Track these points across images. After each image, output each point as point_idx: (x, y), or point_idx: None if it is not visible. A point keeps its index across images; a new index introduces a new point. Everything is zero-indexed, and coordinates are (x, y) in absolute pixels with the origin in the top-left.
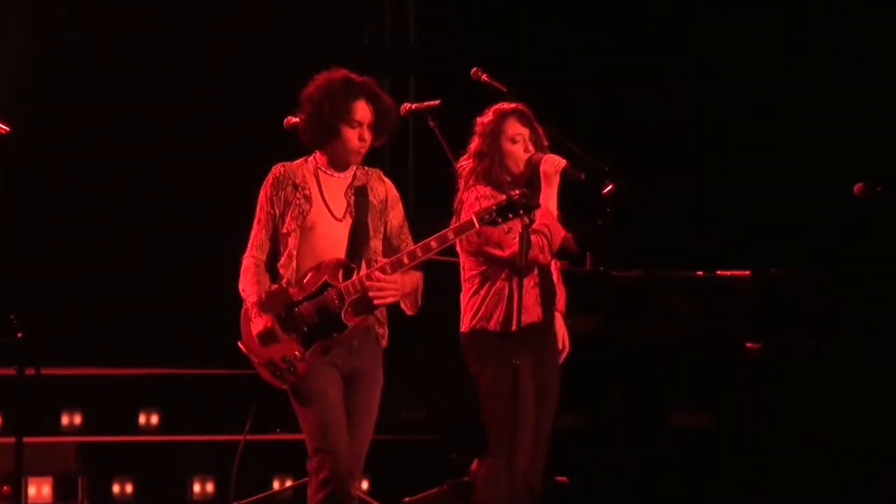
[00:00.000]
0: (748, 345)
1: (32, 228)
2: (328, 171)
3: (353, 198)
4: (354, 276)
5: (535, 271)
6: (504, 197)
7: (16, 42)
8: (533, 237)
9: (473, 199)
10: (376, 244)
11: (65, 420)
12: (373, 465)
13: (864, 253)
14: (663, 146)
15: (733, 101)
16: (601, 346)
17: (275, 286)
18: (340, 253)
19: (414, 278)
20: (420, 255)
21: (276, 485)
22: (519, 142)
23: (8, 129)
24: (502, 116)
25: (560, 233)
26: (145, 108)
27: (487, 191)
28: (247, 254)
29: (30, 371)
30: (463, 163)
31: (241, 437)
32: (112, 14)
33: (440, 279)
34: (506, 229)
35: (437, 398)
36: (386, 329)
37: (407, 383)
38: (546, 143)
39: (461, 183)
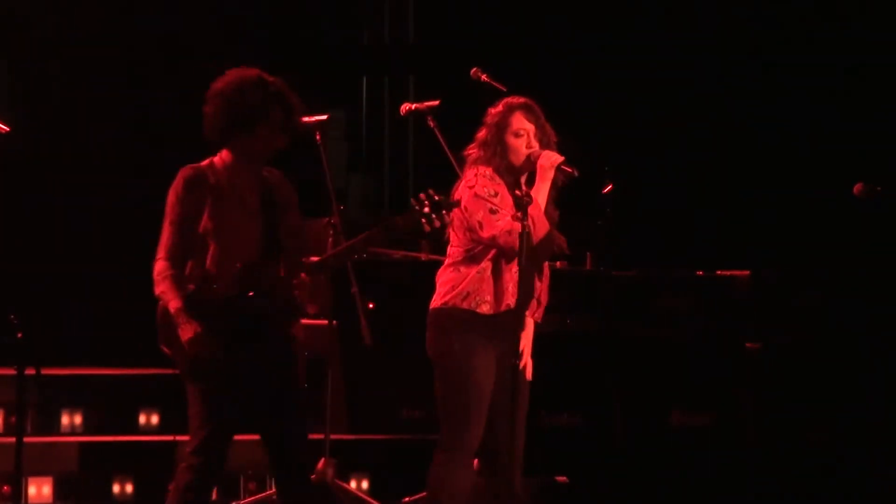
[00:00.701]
0: (748, 344)
1: (32, 228)
2: (237, 171)
3: (263, 197)
4: (284, 279)
5: (517, 261)
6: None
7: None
8: (515, 224)
9: (472, 175)
10: (287, 243)
11: (65, 420)
12: (372, 464)
13: (864, 253)
14: (663, 146)
15: (733, 102)
16: (601, 345)
17: (192, 287)
18: (255, 251)
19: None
20: (337, 260)
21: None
22: (522, 136)
23: (7, 129)
24: (510, 110)
25: (545, 226)
26: (145, 108)
27: (489, 171)
28: (160, 256)
29: (30, 371)
30: (470, 151)
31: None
32: (109, 14)
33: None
34: (489, 209)
35: (435, 398)
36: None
37: (405, 383)
38: (554, 141)
39: (467, 170)
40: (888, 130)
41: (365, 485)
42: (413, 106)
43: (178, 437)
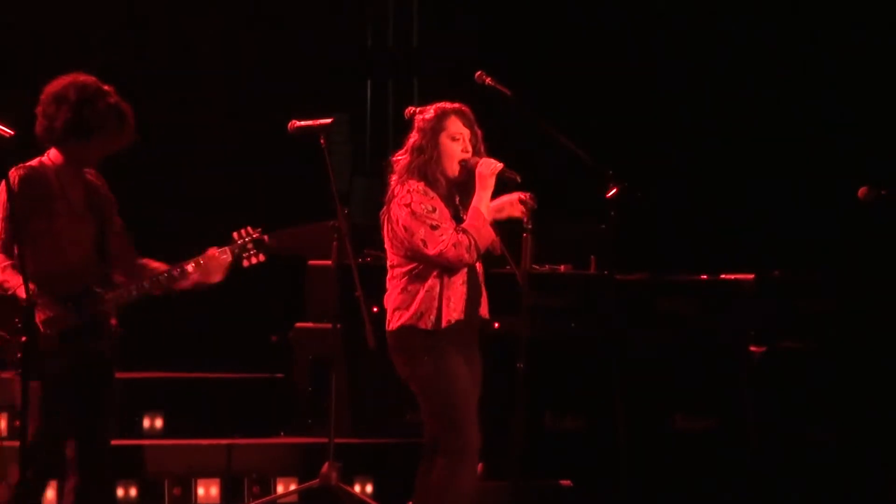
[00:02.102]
0: (751, 348)
1: None
2: (66, 173)
3: (89, 198)
4: (126, 286)
5: (465, 270)
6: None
7: None
8: (460, 236)
9: (405, 192)
10: (113, 242)
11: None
12: (378, 467)
13: (869, 256)
14: (668, 149)
15: (739, 105)
16: (605, 349)
17: (31, 287)
18: (86, 251)
19: None
20: (153, 286)
21: (279, 488)
22: (459, 140)
23: (12, 132)
24: (445, 114)
25: (489, 235)
26: (147, 108)
27: (421, 185)
28: None
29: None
30: (398, 157)
31: (244, 440)
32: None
33: None
34: (430, 226)
35: None
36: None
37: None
38: (482, 148)
39: (392, 177)
40: (894, 134)
41: (369, 488)
42: (417, 109)
43: (183, 441)
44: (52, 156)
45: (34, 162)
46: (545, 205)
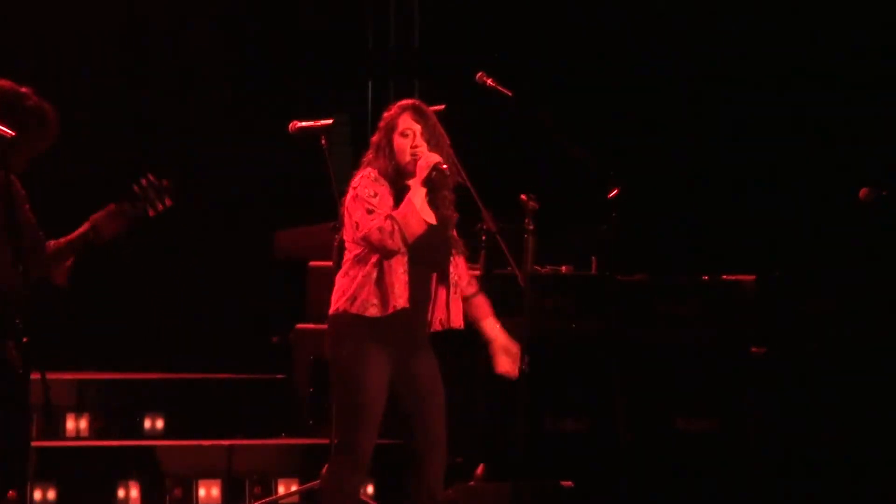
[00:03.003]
0: (753, 349)
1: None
2: None
3: (13, 202)
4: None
5: (405, 259)
6: None
7: None
8: (386, 222)
9: (358, 178)
10: (26, 237)
11: (70, 425)
12: (378, 469)
13: (870, 257)
14: (669, 150)
15: (740, 105)
16: (606, 350)
17: None
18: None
19: None
20: (73, 247)
21: (281, 489)
22: (408, 136)
23: (13, 133)
24: (399, 111)
25: (417, 225)
26: (150, 109)
27: (374, 173)
28: None
29: (35, 375)
30: (366, 156)
31: (245, 441)
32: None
33: None
34: (366, 209)
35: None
36: None
37: None
38: (448, 143)
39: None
40: (894, 134)
41: (370, 489)
42: None
43: (184, 442)
44: None
45: None
46: (546, 206)
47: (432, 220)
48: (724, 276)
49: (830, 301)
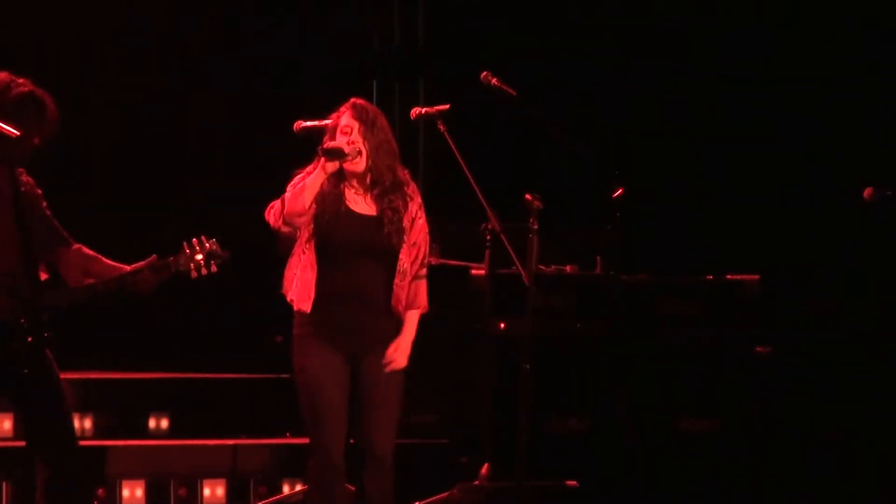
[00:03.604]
0: (757, 349)
1: None
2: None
3: (15, 192)
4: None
5: (312, 258)
6: None
7: None
8: (276, 201)
9: (298, 177)
10: (42, 235)
11: (75, 424)
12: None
13: (874, 257)
14: (672, 150)
15: (744, 105)
16: (610, 349)
17: None
18: (12, 248)
19: None
20: (107, 287)
21: (285, 488)
22: (347, 133)
23: (18, 132)
24: (343, 110)
25: (297, 205)
26: (149, 110)
27: (315, 166)
28: None
29: None
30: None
31: (250, 440)
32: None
33: (449, 284)
34: (293, 184)
35: (446, 402)
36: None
37: (416, 388)
38: (392, 143)
39: None
40: None
41: None
42: (423, 110)
43: (189, 442)
44: None
45: None
46: (550, 205)
47: (371, 212)
48: (728, 276)
49: (834, 301)
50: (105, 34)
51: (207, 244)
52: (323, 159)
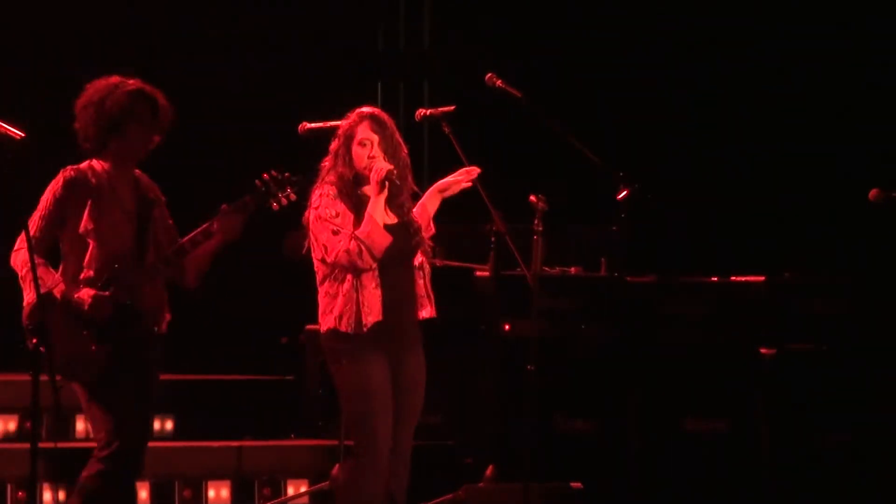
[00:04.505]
0: (762, 350)
1: None
2: (114, 173)
3: (138, 196)
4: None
5: (375, 273)
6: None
7: None
8: (352, 243)
9: (317, 196)
10: (163, 239)
11: (79, 426)
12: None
13: (879, 258)
14: (678, 151)
15: (750, 105)
16: (615, 351)
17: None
18: (128, 250)
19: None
20: (194, 245)
21: (290, 490)
22: (366, 146)
23: (23, 135)
24: (358, 120)
25: (382, 239)
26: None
27: (333, 190)
28: (22, 247)
29: (45, 377)
30: (324, 162)
31: (255, 442)
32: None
33: (454, 286)
34: (331, 231)
35: (451, 403)
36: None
37: None
38: (405, 152)
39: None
40: None
41: None
42: (428, 111)
43: (193, 443)
44: (98, 160)
45: (84, 164)
46: (555, 207)
47: (393, 220)
48: (734, 278)
49: (840, 302)
50: (105, 33)
51: (279, 174)
52: (378, 189)
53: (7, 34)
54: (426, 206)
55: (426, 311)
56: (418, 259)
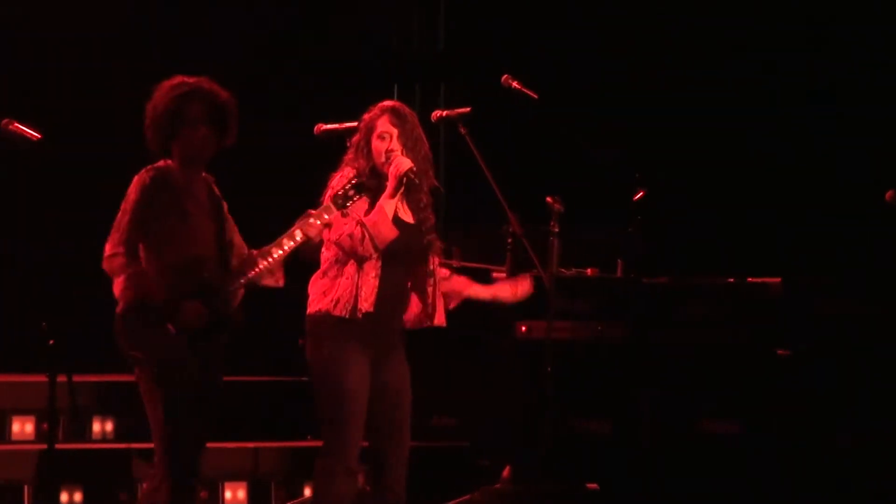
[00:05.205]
0: (779, 351)
1: (63, 236)
2: (185, 173)
3: (210, 196)
4: (250, 272)
5: (378, 264)
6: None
7: None
8: (356, 228)
9: (337, 178)
10: (233, 238)
11: (96, 427)
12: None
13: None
14: (693, 152)
15: (765, 107)
16: (631, 352)
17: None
18: (213, 249)
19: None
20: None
21: (306, 491)
22: (386, 139)
23: (39, 136)
24: (379, 113)
25: (387, 232)
26: None
27: (353, 173)
28: (118, 251)
29: (62, 378)
30: (347, 155)
31: (271, 443)
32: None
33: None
34: (341, 214)
35: (466, 405)
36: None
37: (436, 390)
38: (426, 147)
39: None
40: None
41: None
42: (444, 113)
43: (210, 444)
44: (169, 163)
45: (161, 163)
46: (571, 208)
47: (410, 219)
48: (750, 279)
49: (856, 303)
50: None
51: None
52: (395, 183)
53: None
54: (458, 290)
55: (435, 320)
56: (431, 264)
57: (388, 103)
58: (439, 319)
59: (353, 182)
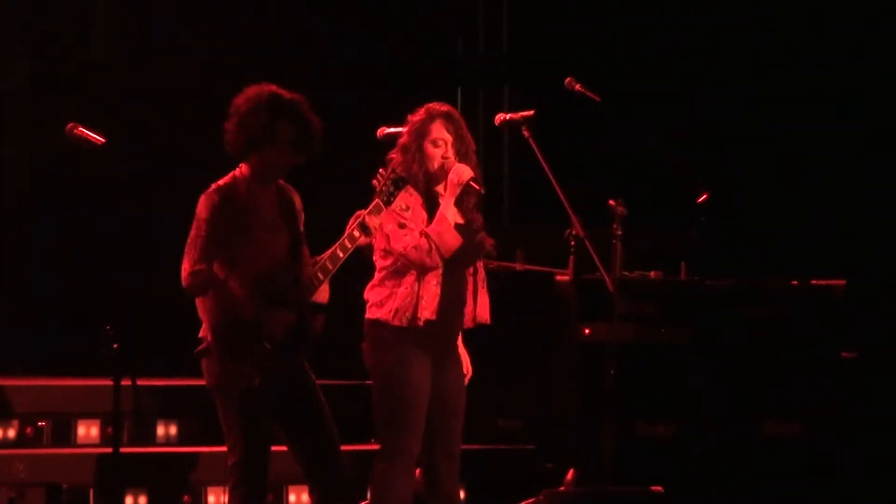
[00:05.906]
0: (843, 354)
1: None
2: (255, 187)
3: (282, 210)
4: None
5: (438, 272)
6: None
7: None
8: (421, 240)
9: (378, 177)
10: (306, 251)
11: (160, 431)
12: (468, 474)
13: None
14: (758, 154)
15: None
16: (695, 355)
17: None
18: (282, 262)
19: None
20: (342, 255)
21: (368, 495)
22: (440, 146)
23: (103, 140)
24: (431, 117)
25: (453, 240)
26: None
27: (388, 169)
28: (200, 267)
29: (126, 382)
30: (392, 155)
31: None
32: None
33: (534, 290)
34: (398, 223)
35: (532, 408)
36: None
37: (502, 392)
38: (474, 149)
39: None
40: None
41: (461, 494)
42: (508, 116)
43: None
44: (242, 170)
45: (227, 178)
46: (635, 211)
47: (460, 220)
48: (814, 281)
49: None
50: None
51: (389, 174)
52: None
53: None
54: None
55: (480, 317)
56: (480, 271)
57: (439, 107)
58: (484, 316)
59: (392, 177)
